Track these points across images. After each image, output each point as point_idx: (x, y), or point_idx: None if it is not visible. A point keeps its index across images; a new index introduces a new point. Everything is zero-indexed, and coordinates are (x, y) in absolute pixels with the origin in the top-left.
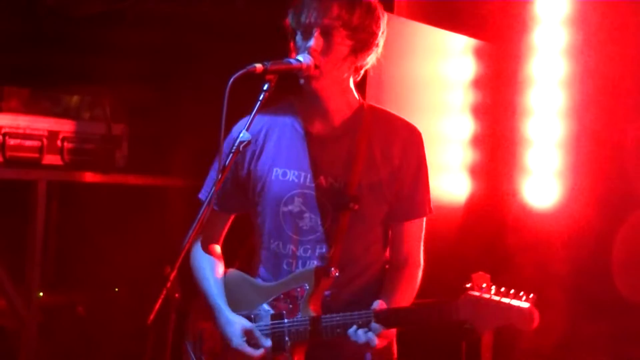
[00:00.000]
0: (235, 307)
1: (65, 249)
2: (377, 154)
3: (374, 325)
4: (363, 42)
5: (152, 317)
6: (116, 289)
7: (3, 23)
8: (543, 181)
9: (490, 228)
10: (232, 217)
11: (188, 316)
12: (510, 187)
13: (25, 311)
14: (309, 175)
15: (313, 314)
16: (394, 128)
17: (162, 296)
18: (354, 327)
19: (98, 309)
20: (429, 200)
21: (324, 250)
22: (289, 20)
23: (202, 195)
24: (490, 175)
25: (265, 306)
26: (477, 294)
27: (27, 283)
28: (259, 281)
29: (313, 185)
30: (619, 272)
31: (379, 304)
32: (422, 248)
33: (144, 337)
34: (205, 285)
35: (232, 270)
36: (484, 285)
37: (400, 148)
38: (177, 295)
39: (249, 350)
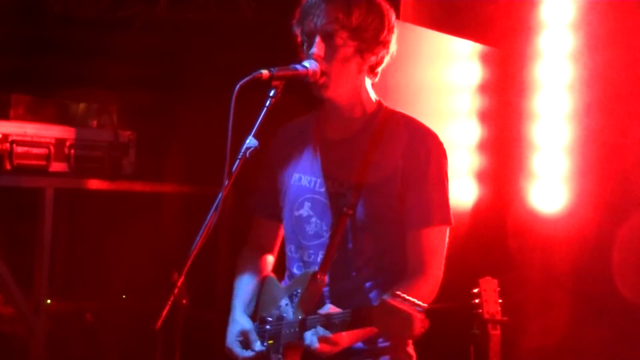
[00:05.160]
0: (263, 309)
1: (73, 256)
2: (382, 156)
3: (318, 328)
4: (368, 40)
5: (159, 323)
6: (124, 296)
7: (11, 29)
8: (550, 186)
9: (497, 233)
10: (282, 225)
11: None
12: (516, 192)
13: (33, 318)
14: (319, 180)
15: (302, 316)
16: (403, 130)
17: (170, 302)
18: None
19: (106, 316)
20: (442, 208)
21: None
22: (296, 32)
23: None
24: (496, 180)
25: (276, 309)
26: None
27: (35, 290)
28: (282, 284)
29: (322, 190)
30: (626, 276)
31: (328, 308)
32: (441, 261)
33: (152, 343)
34: (234, 291)
35: (269, 275)
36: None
37: (406, 150)
38: (184, 301)
39: (237, 350)
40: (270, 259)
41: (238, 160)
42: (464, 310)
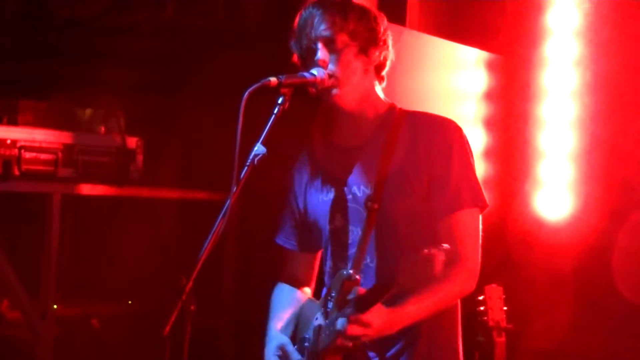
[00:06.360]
0: (303, 331)
1: (80, 261)
2: (402, 149)
3: (346, 309)
4: (367, 39)
5: (167, 328)
6: (130, 302)
7: (18, 34)
8: (555, 193)
9: (503, 240)
10: (318, 255)
11: None
12: (522, 199)
13: (40, 323)
14: (344, 189)
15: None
16: (420, 122)
17: (178, 308)
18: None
19: (113, 321)
20: (472, 190)
21: (368, 260)
22: (294, 52)
23: (279, 240)
24: (502, 187)
25: (314, 322)
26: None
27: (42, 295)
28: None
29: (350, 197)
30: (631, 283)
31: (356, 291)
32: (477, 244)
33: (160, 349)
34: (269, 315)
35: (308, 298)
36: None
37: (425, 138)
38: (192, 307)
39: None
40: (307, 290)
41: (246, 167)
42: (469, 317)
